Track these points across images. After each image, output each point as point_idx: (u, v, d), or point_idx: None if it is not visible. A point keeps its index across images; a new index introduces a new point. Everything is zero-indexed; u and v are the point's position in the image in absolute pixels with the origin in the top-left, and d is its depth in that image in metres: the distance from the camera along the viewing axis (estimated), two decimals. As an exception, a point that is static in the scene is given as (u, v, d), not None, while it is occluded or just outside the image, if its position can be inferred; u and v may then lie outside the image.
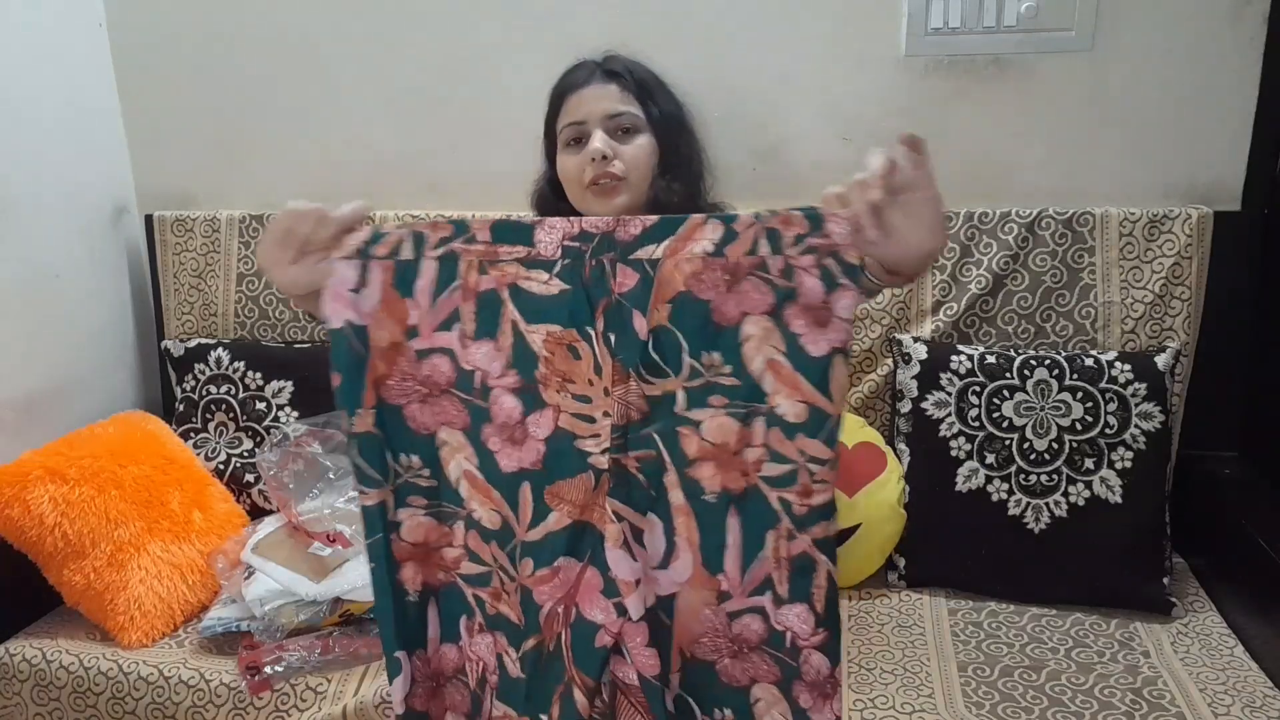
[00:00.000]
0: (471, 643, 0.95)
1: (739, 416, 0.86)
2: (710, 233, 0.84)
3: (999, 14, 1.59)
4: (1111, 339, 1.60)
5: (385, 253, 0.89)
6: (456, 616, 0.94)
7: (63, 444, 1.56)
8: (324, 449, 1.62)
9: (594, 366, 0.86)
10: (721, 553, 0.88)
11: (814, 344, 0.83)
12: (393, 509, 0.91)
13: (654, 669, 0.89)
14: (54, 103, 1.77)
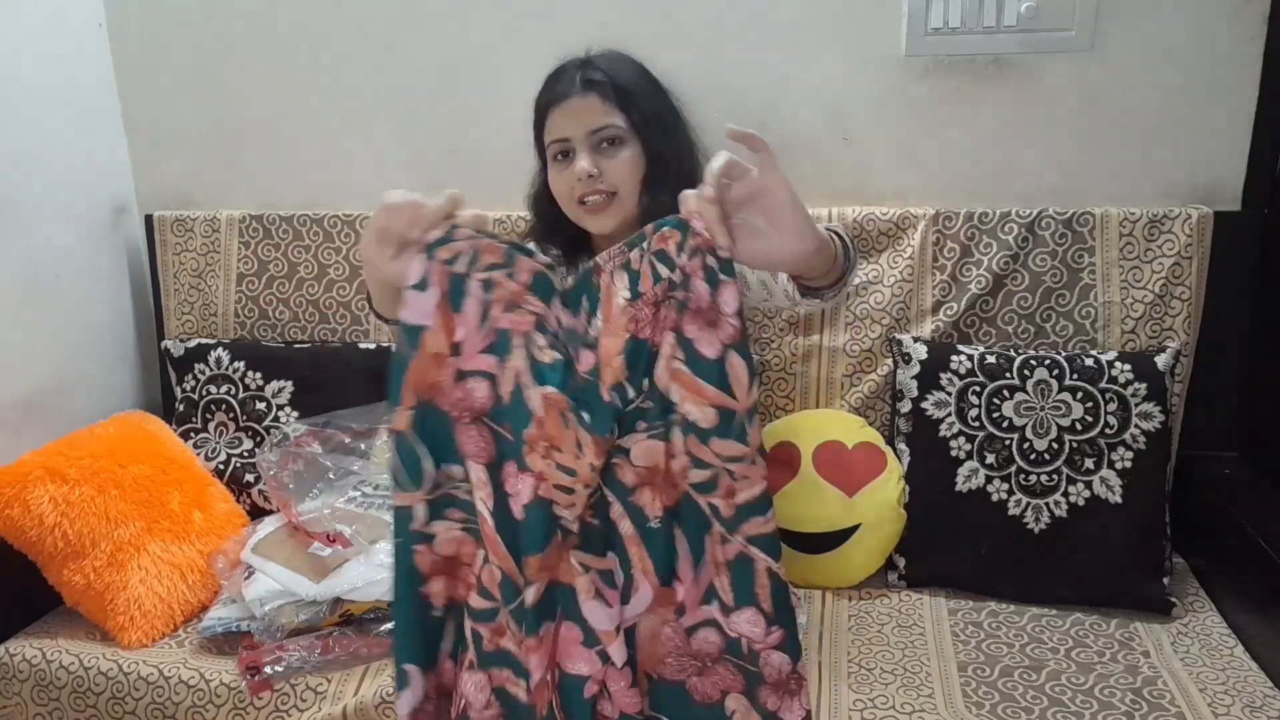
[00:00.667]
0: (459, 678, 0.94)
1: (660, 435, 0.87)
2: (620, 285, 0.87)
3: (999, 14, 1.59)
4: (1111, 339, 1.60)
5: (446, 257, 0.88)
6: (463, 634, 0.94)
7: (63, 444, 1.56)
8: (324, 449, 1.62)
9: (576, 443, 0.87)
10: (674, 565, 0.89)
11: (708, 345, 0.85)
12: (425, 519, 0.90)
13: (636, 707, 0.90)
14: (54, 103, 1.77)
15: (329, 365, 1.80)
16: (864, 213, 1.66)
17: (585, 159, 1.28)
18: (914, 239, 1.65)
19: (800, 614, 1.46)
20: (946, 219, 1.64)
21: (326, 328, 1.87)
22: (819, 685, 1.32)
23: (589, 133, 1.29)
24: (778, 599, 0.88)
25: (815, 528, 1.55)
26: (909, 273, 1.65)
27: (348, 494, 1.55)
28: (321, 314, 1.87)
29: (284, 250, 1.87)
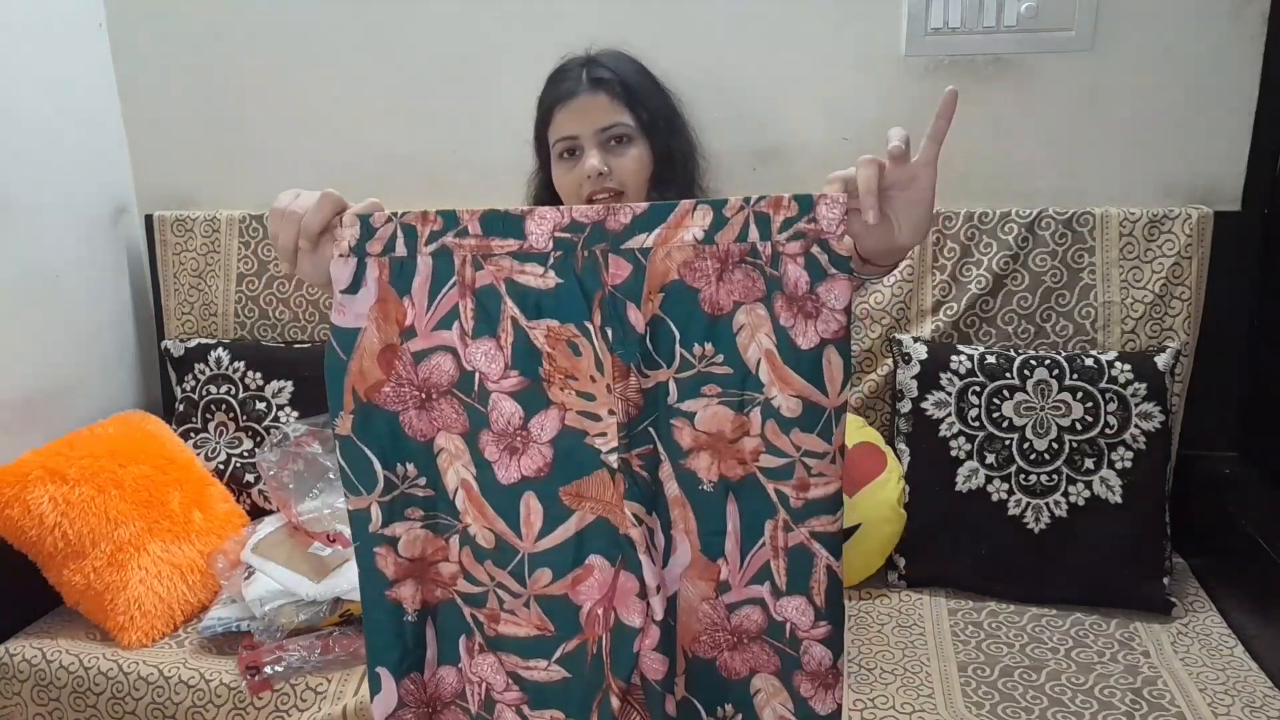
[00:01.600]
0: (472, 664, 0.92)
1: (733, 405, 0.84)
2: (700, 219, 0.82)
3: (999, 14, 1.59)
4: (1111, 339, 1.60)
5: (379, 249, 0.87)
6: (455, 636, 0.92)
7: (63, 444, 1.56)
8: (324, 449, 1.61)
9: (595, 363, 0.85)
10: (721, 539, 0.87)
11: (802, 336, 0.82)
12: (381, 521, 0.89)
13: (659, 673, 0.89)
14: (54, 103, 1.77)
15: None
16: (864, 213, 1.66)
17: (595, 156, 1.28)
18: (914, 239, 1.65)
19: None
20: (946, 219, 1.64)
21: (326, 328, 1.87)
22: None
23: (597, 130, 1.29)
24: (831, 595, 0.86)
25: (815, 528, 1.55)
26: (909, 273, 1.65)
27: (348, 494, 1.55)
28: (321, 314, 1.87)
29: (284, 250, 1.87)
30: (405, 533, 0.89)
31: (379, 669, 0.90)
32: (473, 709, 0.93)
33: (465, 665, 0.93)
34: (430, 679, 0.93)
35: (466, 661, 0.92)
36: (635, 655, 0.87)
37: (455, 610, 0.92)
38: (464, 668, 0.93)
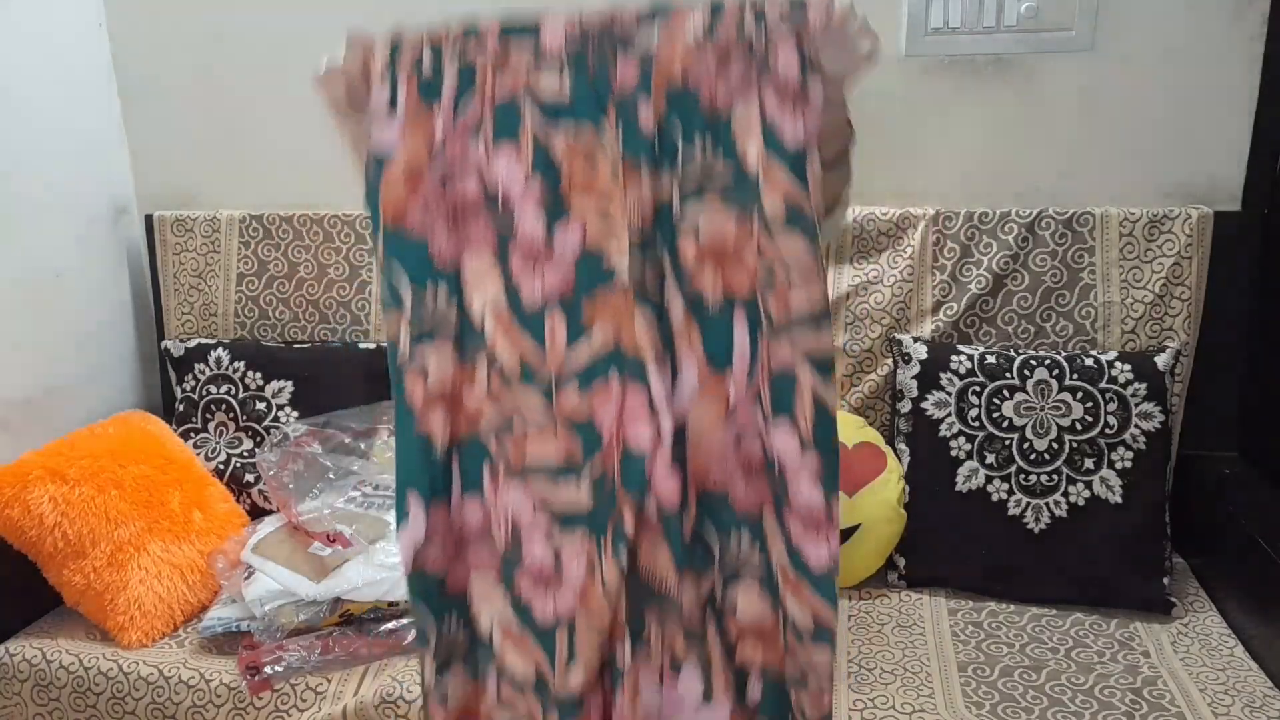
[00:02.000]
0: (497, 495, 0.90)
1: (733, 208, 0.83)
2: (700, 18, 0.83)
3: (999, 14, 1.59)
4: (1111, 339, 1.60)
5: (408, 69, 0.89)
6: (480, 465, 0.90)
7: (63, 444, 1.56)
8: (324, 449, 1.62)
9: (612, 172, 0.84)
10: (728, 354, 0.85)
11: (790, 134, 0.80)
12: (410, 344, 0.87)
13: (673, 498, 0.86)
14: (54, 103, 1.77)
15: (329, 365, 1.80)
16: (864, 213, 1.66)
17: None
18: (914, 239, 1.65)
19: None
20: (946, 219, 1.64)
21: (326, 328, 1.87)
22: (819, 685, 1.32)
23: None
24: (820, 421, 0.82)
25: (815, 528, 1.55)
26: (909, 273, 1.65)
27: (348, 494, 1.55)
28: (321, 314, 1.87)
29: (284, 250, 1.87)
30: (434, 360, 0.88)
31: (409, 496, 0.88)
32: (500, 543, 0.91)
33: (490, 497, 0.90)
34: (456, 510, 0.91)
35: (491, 492, 0.90)
36: (647, 479, 0.85)
37: (478, 445, 0.90)
38: (488, 500, 0.90)
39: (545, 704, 0.88)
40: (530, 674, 0.89)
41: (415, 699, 1.29)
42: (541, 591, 0.89)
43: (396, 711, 1.29)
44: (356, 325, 1.86)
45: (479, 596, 0.91)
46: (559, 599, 0.88)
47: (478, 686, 0.92)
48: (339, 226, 1.85)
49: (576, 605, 0.87)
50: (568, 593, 0.88)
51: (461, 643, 0.90)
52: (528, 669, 0.89)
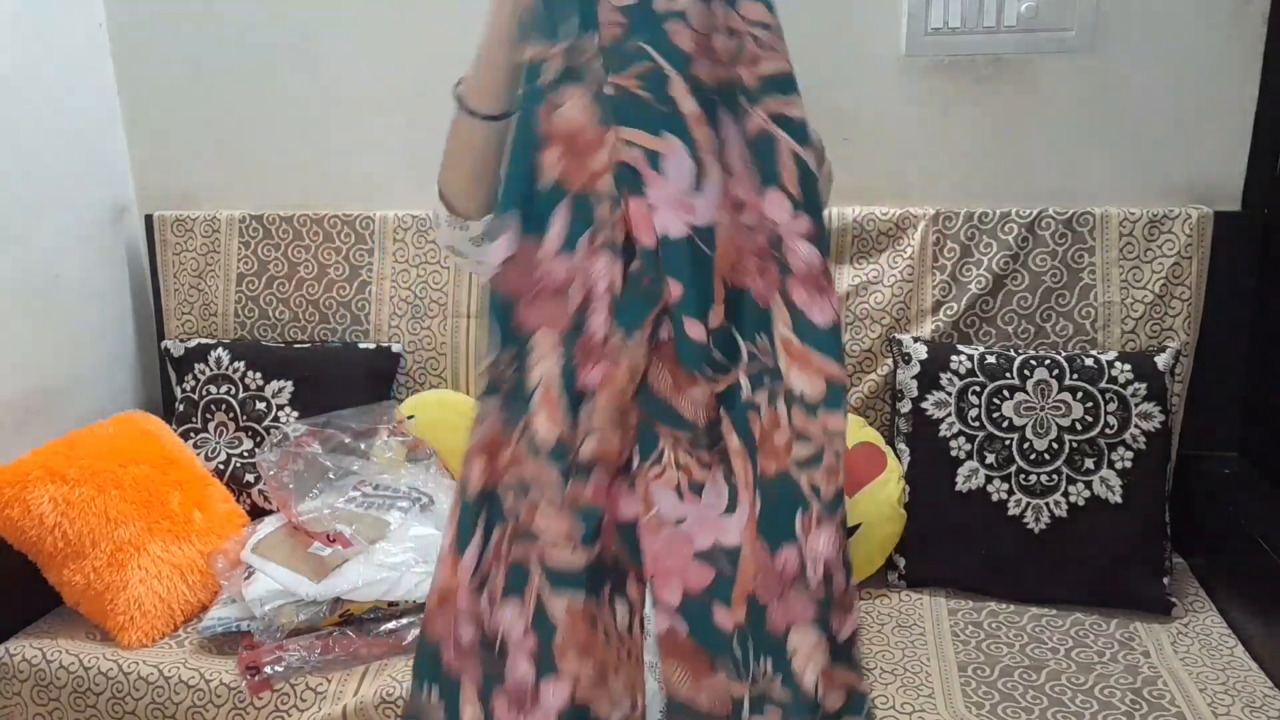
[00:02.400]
0: (503, 549, 0.89)
1: (768, 397, 0.83)
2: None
3: (999, 14, 1.59)
4: (1111, 339, 1.60)
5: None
6: (492, 526, 0.89)
7: (63, 444, 1.56)
8: (324, 449, 1.62)
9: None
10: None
11: (819, 313, 0.80)
12: (480, 391, 0.87)
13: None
14: (54, 103, 1.77)
15: (329, 365, 1.80)
16: (864, 213, 1.67)
17: None
18: (914, 239, 1.65)
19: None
20: (946, 219, 1.64)
21: (326, 328, 1.87)
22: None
23: None
24: (808, 186, 0.82)
25: (815, 528, 1.55)
26: (909, 273, 1.65)
27: (348, 494, 1.55)
28: (321, 314, 1.87)
29: (284, 250, 1.87)
30: (489, 413, 0.86)
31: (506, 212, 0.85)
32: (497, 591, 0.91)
33: (496, 542, 0.90)
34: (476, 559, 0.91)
35: (496, 542, 0.89)
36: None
37: (497, 500, 0.89)
38: (495, 550, 0.90)
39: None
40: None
41: (415, 699, 1.29)
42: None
43: (396, 711, 1.29)
44: (356, 325, 1.86)
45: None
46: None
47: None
48: (339, 226, 1.85)
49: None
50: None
51: (510, 377, 0.88)
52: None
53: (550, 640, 0.84)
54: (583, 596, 0.85)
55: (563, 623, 0.84)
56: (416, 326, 1.83)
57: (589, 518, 0.85)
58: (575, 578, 0.85)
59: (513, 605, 0.86)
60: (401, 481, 1.58)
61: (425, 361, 1.83)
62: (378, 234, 1.83)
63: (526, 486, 0.87)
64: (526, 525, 0.87)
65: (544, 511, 0.86)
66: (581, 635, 0.84)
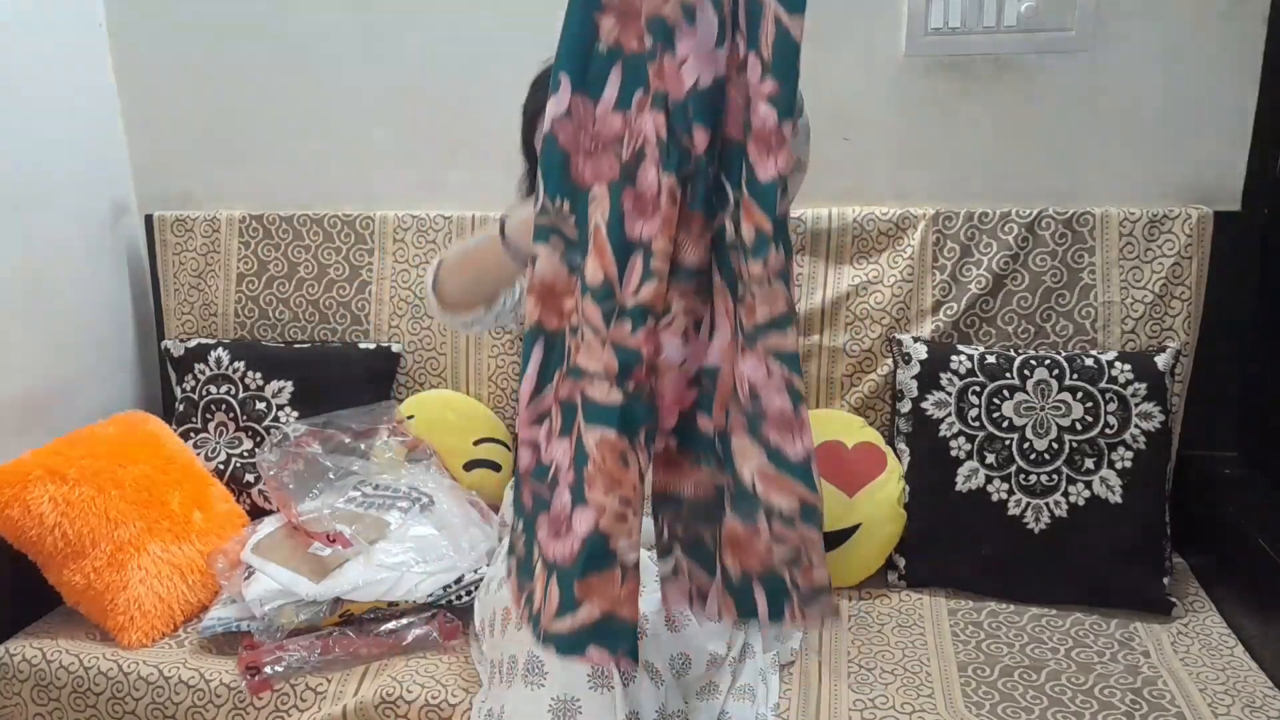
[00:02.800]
0: (558, 391, 0.96)
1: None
2: None
3: (999, 14, 1.59)
4: (1111, 339, 1.60)
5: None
6: (553, 368, 0.97)
7: (63, 444, 1.56)
8: (324, 449, 1.62)
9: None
10: None
11: (764, 170, 0.87)
12: (534, 235, 0.95)
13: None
14: (54, 102, 1.77)
15: (329, 365, 1.80)
16: (864, 213, 1.67)
17: None
18: (914, 239, 1.65)
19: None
20: (946, 219, 1.64)
21: (326, 328, 1.87)
22: (819, 685, 1.32)
23: None
24: (782, 51, 0.86)
25: (815, 528, 1.55)
26: (909, 273, 1.65)
27: (348, 494, 1.55)
28: (321, 314, 1.87)
29: (284, 250, 1.87)
30: (544, 256, 0.95)
31: (560, 73, 0.92)
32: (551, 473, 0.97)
33: (557, 382, 0.97)
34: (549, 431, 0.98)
35: (558, 381, 0.96)
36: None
37: (561, 340, 0.96)
38: (555, 391, 0.97)
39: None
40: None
41: (415, 699, 1.29)
42: None
43: (396, 711, 1.29)
44: (356, 325, 1.86)
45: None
46: None
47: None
48: (339, 226, 1.85)
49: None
50: None
51: (571, 226, 0.95)
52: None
53: (583, 470, 0.91)
54: (615, 433, 0.90)
55: (594, 455, 0.90)
56: (416, 326, 1.83)
57: (628, 357, 0.92)
58: (609, 412, 0.91)
59: (564, 444, 0.94)
60: (401, 481, 1.58)
61: (425, 361, 1.83)
62: (378, 234, 1.84)
63: (577, 326, 0.93)
64: (574, 363, 0.93)
65: (588, 347, 0.92)
66: (610, 469, 0.90)
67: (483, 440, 1.74)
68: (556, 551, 0.92)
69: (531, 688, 1.07)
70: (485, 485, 1.71)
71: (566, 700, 1.05)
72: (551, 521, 0.93)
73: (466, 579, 1.43)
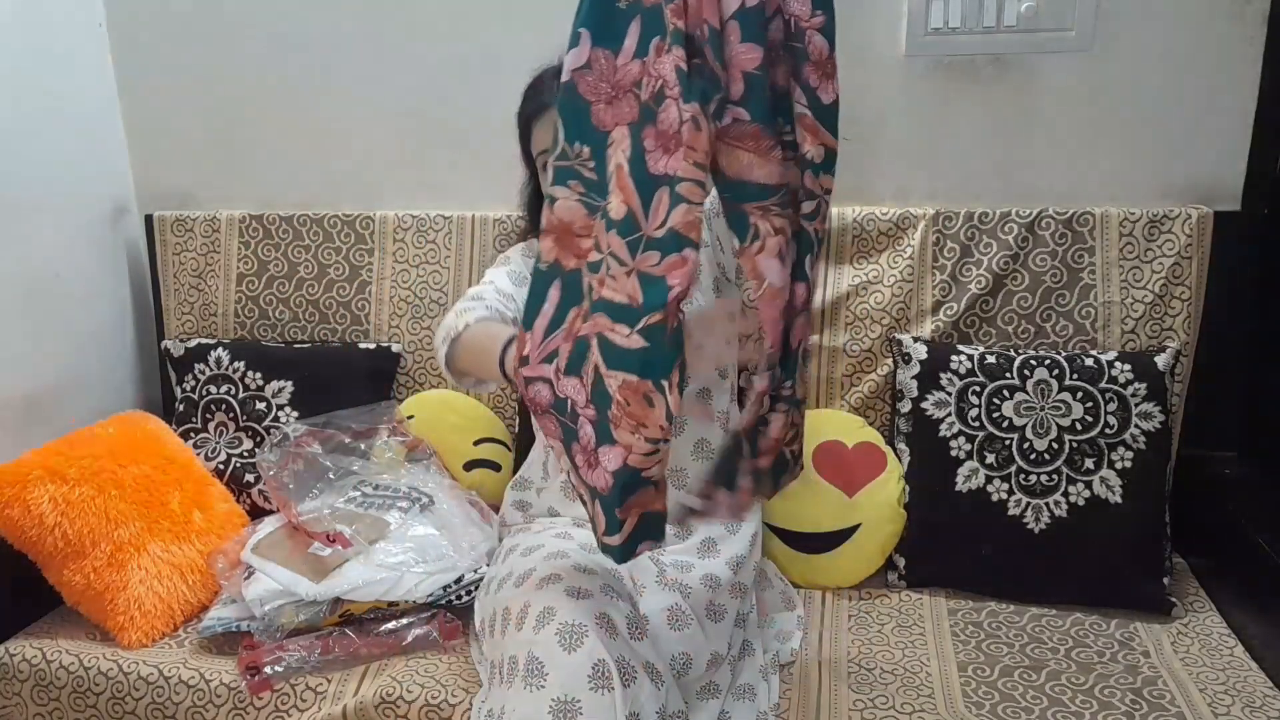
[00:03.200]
0: (575, 326, 0.99)
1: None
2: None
3: (999, 14, 1.59)
4: (1111, 339, 1.60)
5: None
6: (568, 306, 1.00)
7: (63, 444, 1.56)
8: (324, 449, 1.62)
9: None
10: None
11: (825, 93, 0.98)
12: (550, 179, 0.99)
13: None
14: (54, 103, 1.77)
15: (329, 365, 1.80)
16: (864, 213, 1.67)
17: None
18: (914, 239, 1.65)
19: (798, 610, 1.46)
20: (946, 219, 1.64)
21: (326, 328, 1.87)
22: (819, 685, 1.32)
23: None
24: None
25: (815, 528, 1.55)
26: (909, 273, 1.65)
27: (348, 494, 1.55)
28: (321, 314, 1.87)
29: (284, 250, 1.87)
30: (564, 198, 0.99)
31: (581, 29, 0.97)
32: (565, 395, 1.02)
33: (571, 321, 1.00)
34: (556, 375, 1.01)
35: (571, 320, 1.00)
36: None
37: (578, 279, 0.99)
38: (567, 329, 1.00)
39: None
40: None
41: (415, 699, 1.29)
42: None
43: (396, 711, 1.29)
44: (356, 325, 1.86)
45: None
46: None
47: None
48: (339, 226, 1.85)
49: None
50: None
51: (590, 169, 0.98)
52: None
53: (606, 410, 0.95)
54: (635, 376, 0.94)
55: (617, 397, 0.94)
56: (416, 326, 1.83)
57: (653, 285, 0.95)
58: (629, 356, 0.95)
59: (573, 381, 0.98)
60: (401, 481, 1.58)
61: (425, 361, 1.83)
62: (378, 234, 1.84)
63: (598, 262, 0.96)
64: (598, 297, 0.96)
65: (612, 279, 0.95)
66: (634, 410, 0.94)
67: (483, 440, 1.74)
68: (593, 479, 0.99)
69: (531, 689, 1.07)
70: (485, 485, 1.71)
71: (567, 701, 1.05)
72: (582, 450, 0.99)
73: (466, 579, 1.43)
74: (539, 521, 1.42)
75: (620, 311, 0.95)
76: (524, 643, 1.11)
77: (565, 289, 1.00)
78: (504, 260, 1.45)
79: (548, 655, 1.08)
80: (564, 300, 1.00)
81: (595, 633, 1.09)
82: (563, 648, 1.07)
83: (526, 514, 1.46)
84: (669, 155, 0.94)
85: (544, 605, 1.13)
